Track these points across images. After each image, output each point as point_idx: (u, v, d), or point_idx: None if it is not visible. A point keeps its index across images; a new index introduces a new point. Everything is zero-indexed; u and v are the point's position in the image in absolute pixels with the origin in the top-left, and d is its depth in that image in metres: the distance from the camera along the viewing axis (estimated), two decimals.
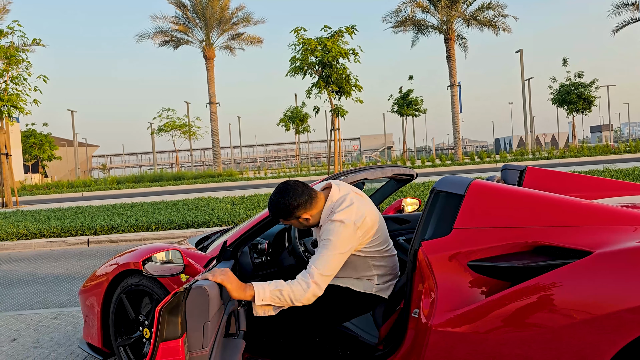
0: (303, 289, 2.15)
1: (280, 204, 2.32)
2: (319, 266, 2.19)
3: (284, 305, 2.17)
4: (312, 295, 2.17)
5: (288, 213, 2.33)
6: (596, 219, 2.05)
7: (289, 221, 2.39)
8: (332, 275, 2.22)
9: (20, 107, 15.85)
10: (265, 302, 2.13)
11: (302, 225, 2.41)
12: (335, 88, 17.82)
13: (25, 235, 9.52)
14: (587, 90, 31.38)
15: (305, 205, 2.33)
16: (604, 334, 1.69)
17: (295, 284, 2.16)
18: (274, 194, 2.35)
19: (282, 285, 2.16)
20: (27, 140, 39.16)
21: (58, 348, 3.76)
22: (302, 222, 2.38)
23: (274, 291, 2.13)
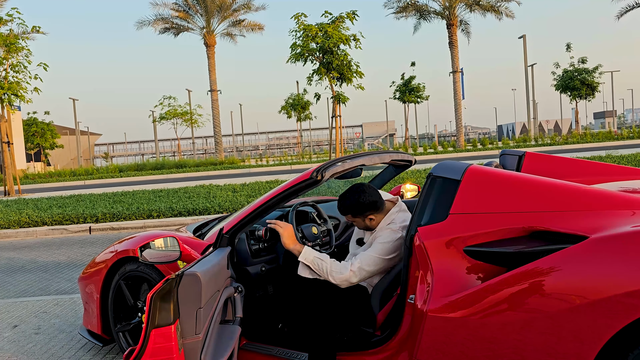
0: (340, 270, 2.41)
1: (356, 201, 2.54)
2: (363, 261, 2.43)
3: (320, 274, 2.45)
4: (345, 279, 2.41)
5: (361, 210, 2.55)
6: (593, 203, 2.03)
7: (356, 218, 2.59)
8: (370, 272, 2.44)
9: (20, 95, 15.81)
10: (307, 262, 2.46)
11: (363, 224, 2.61)
12: (336, 74, 17.72)
13: (28, 223, 9.55)
14: (591, 76, 31.11)
15: (376, 207, 2.55)
16: (600, 318, 1.69)
17: (337, 263, 2.45)
18: (350, 192, 2.58)
19: (327, 257, 2.47)
20: (28, 128, 39.11)
21: (59, 334, 3.78)
22: (367, 222, 2.58)
23: (317, 258, 2.45)
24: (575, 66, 31.48)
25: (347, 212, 2.61)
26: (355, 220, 2.63)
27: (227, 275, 2.37)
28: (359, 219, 2.61)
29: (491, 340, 1.92)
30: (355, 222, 2.65)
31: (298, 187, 2.60)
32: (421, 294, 2.11)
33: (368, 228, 2.65)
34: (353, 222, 2.66)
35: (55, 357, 3.34)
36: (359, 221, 2.62)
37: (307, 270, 2.53)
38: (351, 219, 2.63)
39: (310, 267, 2.49)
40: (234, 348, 2.16)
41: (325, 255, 2.52)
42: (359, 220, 2.62)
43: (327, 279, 2.45)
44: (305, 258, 2.49)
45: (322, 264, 2.45)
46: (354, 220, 2.63)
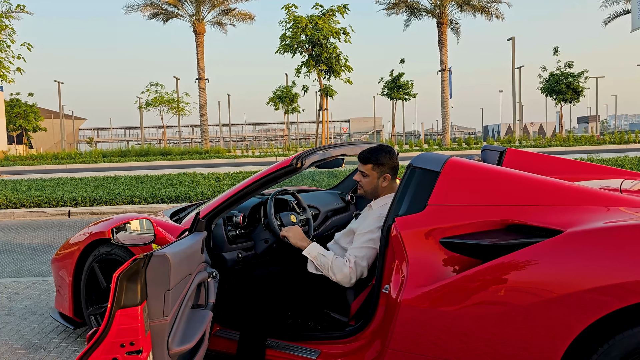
0: (341, 268, 2.42)
1: (387, 154, 2.58)
2: (356, 255, 2.44)
3: (322, 270, 2.48)
4: (346, 275, 2.41)
5: (384, 164, 2.57)
6: (569, 199, 2.04)
7: (373, 171, 2.58)
8: (367, 264, 2.44)
9: (3, 74, 15.49)
10: (310, 257, 2.52)
11: (371, 185, 2.59)
12: (325, 67, 17.68)
13: (5, 205, 9.38)
14: (576, 81, 31.47)
15: (394, 173, 2.61)
16: (572, 313, 1.69)
17: (339, 260, 2.46)
18: (383, 147, 2.63)
19: (330, 254, 2.50)
20: (11, 110, 38.41)
21: (30, 316, 3.71)
22: (379, 181, 2.58)
23: (321, 254, 2.50)
24: (562, 70, 31.80)
25: (372, 159, 2.57)
26: (370, 174, 2.58)
27: (200, 259, 2.33)
28: (374, 173, 2.58)
29: (464, 332, 1.91)
30: (367, 177, 2.59)
31: (277, 174, 2.57)
32: (396, 284, 2.10)
33: (369, 193, 2.62)
34: (365, 175, 2.60)
35: (25, 339, 3.28)
36: (373, 175, 2.58)
37: (313, 266, 2.55)
38: (370, 170, 2.58)
39: (314, 262, 2.52)
40: (205, 333, 2.13)
41: (330, 252, 2.53)
42: (373, 175, 2.58)
43: (329, 276, 2.46)
44: (309, 253, 2.52)
45: (324, 260, 2.47)
46: (370, 172, 2.58)
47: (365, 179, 2.62)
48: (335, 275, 2.43)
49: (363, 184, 2.63)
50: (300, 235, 2.64)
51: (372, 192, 2.63)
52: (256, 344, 2.42)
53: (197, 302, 2.29)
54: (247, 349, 2.42)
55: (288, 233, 2.66)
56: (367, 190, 2.64)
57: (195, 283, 2.15)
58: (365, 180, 2.62)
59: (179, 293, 1.91)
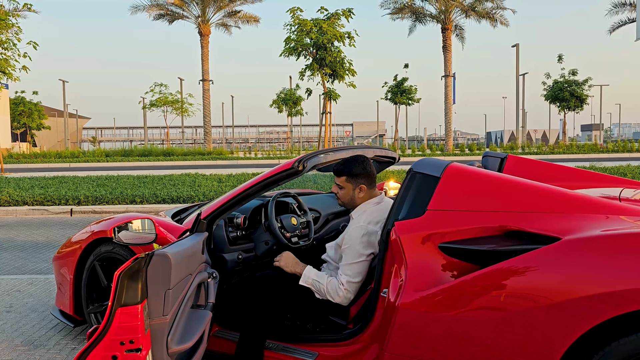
0: (336, 290, 2.44)
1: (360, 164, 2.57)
2: (347, 273, 2.45)
3: (320, 294, 2.50)
4: (343, 296, 2.44)
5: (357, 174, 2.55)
6: (568, 206, 2.05)
7: (348, 183, 2.58)
8: (359, 280, 2.45)
9: (8, 72, 15.54)
10: (307, 284, 2.53)
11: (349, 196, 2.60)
12: (329, 71, 17.72)
13: (8, 202, 9.42)
14: (580, 89, 31.43)
15: (370, 181, 2.59)
16: (569, 319, 1.70)
17: (332, 283, 2.47)
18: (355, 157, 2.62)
19: (323, 278, 2.50)
20: (15, 107, 38.51)
21: (31, 313, 3.73)
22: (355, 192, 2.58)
23: (315, 280, 2.51)
24: (566, 77, 31.78)
25: (345, 171, 2.57)
26: (345, 186, 2.59)
27: (201, 260, 2.35)
28: (349, 185, 2.58)
29: (462, 337, 1.92)
30: (343, 189, 2.60)
31: (279, 177, 2.59)
32: (394, 287, 2.11)
33: (347, 204, 2.63)
34: (341, 187, 2.61)
35: (26, 336, 3.30)
36: (349, 187, 2.58)
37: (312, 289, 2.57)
38: (344, 182, 2.59)
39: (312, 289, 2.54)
40: (204, 333, 2.15)
41: (323, 275, 2.53)
42: (349, 187, 2.58)
43: (327, 298, 2.48)
44: (305, 281, 2.54)
45: (319, 286, 2.49)
46: (344, 185, 2.58)
47: (341, 191, 2.63)
48: (334, 298, 2.46)
49: (340, 195, 2.65)
50: (293, 261, 2.62)
51: (349, 203, 2.64)
52: (255, 345, 2.44)
53: (197, 302, 2.30)
54: (246, 350, 2.43)
55: (281, 262, 2.63)
56: (345, 202, 2.65)
57: (196, 283, 2.16)
58: (341, 192, 2.63)
59: (179, 293, 1.92)
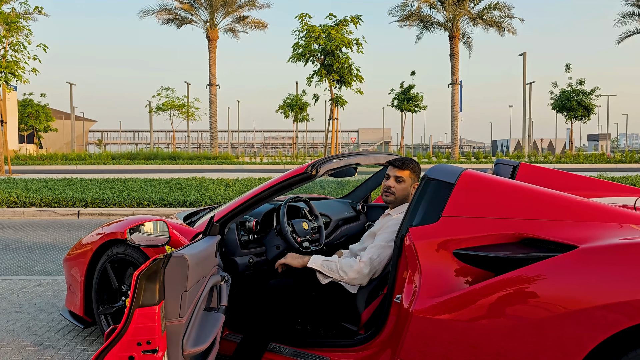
0: (350, 264, 2.45)
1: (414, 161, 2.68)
2: (371, 251, 2.47)
3: (332, 275, 2.50)
4: (357, 270, 2.43)
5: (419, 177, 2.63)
6: (583, 214, 2.04)
7: (408, 178, 2.64)
8: (380, 261, 2.47)
9: (18, 74, 15.69)
10: (316, 266, 2.53)
11: (401, 190, 2.64)
12: (337, 77, 17.74)
13: (15, 203, 9.47)
14: (588, 98, 31.34)
15: (416, 178, 2.66)
16: (584, 329, 1.69)
17: (346, 259, 2.51)
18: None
19: (334, 257, 2.55)
20: (23, 109, 38.82)
21: (40, 314, 3.74)
22: (411, 189, 2.65)
23: (325, 260, 2.53)
24: (573, 87, 31.72)
25: (411, 166, 2.65)
26: (407, 180, 2.64)
27: (214, 263, 2.35)
28: (410, 181, 2.65)
29: (474, 345, 1.92)
30: (403, 183, 2.64)
31: (292, 181, 2.60)
32: (408, 294, 2.11)
33: (400, 199, 2.65)
34: (401, 181, 2.64)
35: (35, 337, 3.30)
36: (409, 182, 2.64)
37: (322, 276, 2.56)
38: (407, 176, 2.64)
39: (322, 272, 2.53)
40: (217, 335, 2.15)
41: (334, 257, 2.56)
42: (409, 182, 2.64)
43: (340, 279, 2.48)
44: (314, 263, 2.54)
45: (331, 265, 2.50)
46: (406, 179, 2.63)
47: (399, 185, 2.65)
48: (347, 273, 2.45)
49: (396, 189, 2.65)
50: (297, 255, 2.65)
51: (402, 199, 2.66)
52: (256, 346, 2.41)
53: (210, 305, 2.30)
54: (245, 351, 2.41)
55: (287, 260, 2.65)
56: (399, 197, 2.66)
57: (209, 286, 2.17)
58: (399, 187, 2.65)
59: (194, 295, 1.93)
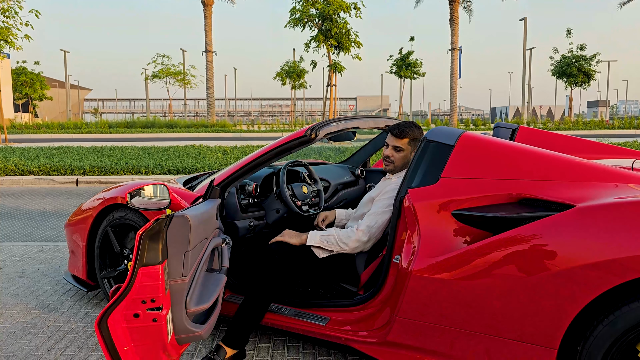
0: (348, 234, 2.47)
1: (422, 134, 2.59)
2: (369, 219, 2.48)
3: (332, 248, 2.51)
4: (357, 239, 2.45)
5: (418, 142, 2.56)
6: (581, 174, 2.06)
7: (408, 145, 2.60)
8: (378, 227, 2.47)
9: (10, 41, 15.42)
10: (316, 243, 2.52)
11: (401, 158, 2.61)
12: (335, 43, 17.52)
13: (14, 171, 9.47)
14: (588, 64, 31.08)
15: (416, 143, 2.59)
16: (579, 286, 1.72)
17: (343, 230, 2.52)
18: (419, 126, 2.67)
19: (331, 230, 2.54)
20: (17, 78, 38.33)
21: (43, 279, 3.79)
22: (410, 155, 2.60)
23: (323, 235, 2.52)
24: (574, 53, 31.40)
25: (410, 134, 2.59)
26: (405, 148, 2.59)
27: (215, 225, 2.38)
28: (410, 148, 2.60)
29: (471, 304, 1.95)
30: (402, 151, 2.60)
31: (291, 144, 2.60)
32: (407, 254, 2.14)
33: (400, 167, 2.62)
34: (400, 150, 2.60)
35: (39, 300, 3.36)
36: (408, 150, 2.60)
37: (320, 251, 2.56)
38: (405, 144, 2.60)
39: (321, 247, 2.53)
40: (219, 296, 2.19)
41: (330, 229, 2.57)
42: (408, 150, 2.60)
43: (341, 250, 2.49)
44: (313, 241, 2.54)
45: (329, 238, 2.50)
46: (405, 147, 2.59)
47: (398, 154, 2.62)
48: (347, 244, 2.46)
49: (396, 158, 2.62)
50: (294, 233, 2.61)
51: (402, 167, 2.63)
52: (257, 307, 2.45)
53: (211, 267, 2.34)
54: (246, 311, 2.45)
55: (284, 237, 2.60)
56: (398, 165, 2.63)
57: (210, 248, 2.19)
58: (398, 155, 2.62)
59: (196, 255, 1.96)
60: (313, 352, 2.60)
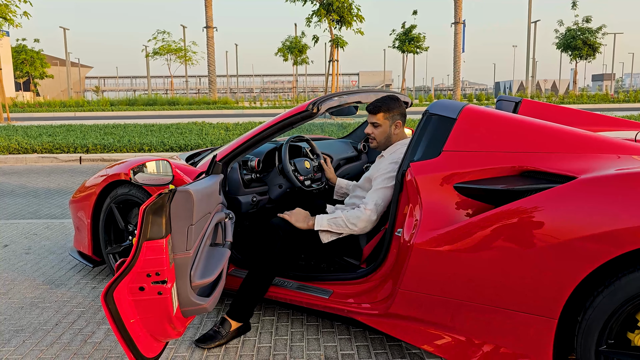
0: (356, 214, 2.42)
1: (396, 101, 2.61)
2: (374, 197, 2.44)
3: (341, 230, 2.46)
4: (365, 219, 2.41)
5: (395, 110, 2.59)
6: (583, 146, 2.05)
7: (386, 120, 2.59)
8: (384, 204, 2.45)
9: (9, 18, 15.31)
10: (324, 227, 2.47)
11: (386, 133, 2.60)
12: (336, 17, 17.30)
13: (17, 150, 9.48)
14: (593, 36, 30.68)
15: (404, 118, 2.64)
16: (580, 257, 1.73)
17: (350, 211, 2.46)
18: (389, 96, 2.67)
19: (338, 213, 2.49)
20: (17, 56, 38.10)
21: (49, 255, 3.84)
22: (392, 128, 2.60)
23: (331, 219, 2.46)
24: (579, 25, 30.94)
25: (383, 107, 2.57)
26: (382, 123, 2.58)
27: (218, 200, 2.39)
28: (386, 122, 2.59)
29: (471, 276, 1.97)
30: (379, 127, 2.59)
31: (293, 119, 2.59)
32: (409, 227, 2.15)
33: (383, 143, 2.62)
34: (378, 126, 2.59)
35: (46, 276, 3.40)
36: (386, 124, 2.59)
37: (327, 235, 2.50)
38: (381, 119, 2.59)
39: (330, 230, 2.48)
40: (223, 269, 2.22)
41: (337, 211, 2.54)
42: (386, 124, 2.59)
43: (351, 231, 2.44)
44: (321, 225, 2.48)
45: (337, 221, 2.45)
46: (381, 122, 2.58)
47: (377, 130, 2.60)
48: (356, 225, 2.42)
49: (376, 134, 2.61)
50: (304, 216, 2.54)
51: (385, 142, 2.62)
52: (261, 281, 2.47)
53: (215, 242, 2.36)
54: (250, 285, 2.48)
55: (291, 218, 2.54)
56: (381, 141, 2.62)
57: (214, 223, 2.21)
58: (377, 131, 2.60)
59: (200, 229, 1.97)
60: (316, 325, 2.64)
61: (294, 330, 2.58)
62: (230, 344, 2.44)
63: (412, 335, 2.18)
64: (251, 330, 2.57)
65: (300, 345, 2.43)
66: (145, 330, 1.76)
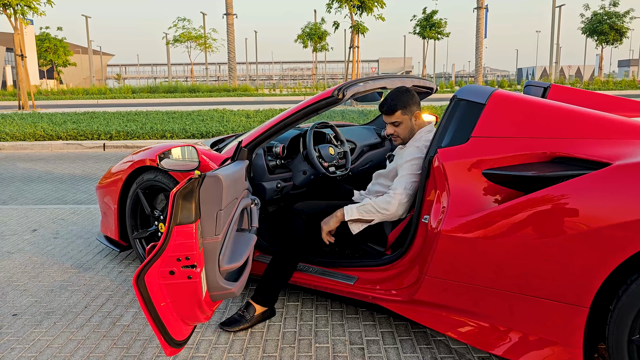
0: (385, 199, 2.41)
1: (409, 94, 2.56)
2: (402, 183, 2.41)
3: (372, 216, 2.44)
4: (396, 202, 2.38)
5: (411, 103, 2.55)
6: (617, 132, 2.00)
7: (405, 115, 2.55)
8: (414, 190, 2.41)
9: (33, 7, 15.50)
10: (354, 217, 2.46)
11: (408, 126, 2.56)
12: (357, 2, 17.13)
13: (43, 137, 9.65)
14: (621, 21, 29.86)
15: (420, 106, 2.60)
16: (614, 244, 1.69)
17: (379, 198, 2.45)
18: (400, 89, 2.59)
19: (366, 200, 2.46)
20: (41, 44, 38.69)
21: (77, 239, 3.91)
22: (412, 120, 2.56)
23: (360, 207, 2.45)
24: (606, 9, 30.13)
25: (399, 105, 2.53)
26: (402, 120, 2.54)
27: (244, 186, 2.40)
28: (406, 117, 2.54)
29: (499, 263, 1.94)
30: (400, 124, 2.55)
31: (318, 105, 2.58)
32: (436, 214, 2.13)
33: (407, 137, 2.58)
34: (399, 124, 2.56)
35: (74, 260, 3.47)
36: (406, 120, 2.55)
37: (359, 224, 2.49)
38: (400, 116, 2.54)
39: (359, 219, 2.47)
40: (250, 255, 2.23)
41: (365, 199, 2.51)
42: (406, 119, 2.55)
43: (383, 217, 2.42)
44: (351, 215, 2.46)
45: (367, 207, 2.43)
46: (401, 119, 2.54)
47: (399, 128, 2.57)
48: (388, 209, 2.39)
49: (399, 132, 2.58)
50: (327, 218, 2.53)
51: (409, 136, 2.59)
52: (285, 266, 2.49)
53: (241, 227, 2.37)
54: (275, 270, 2.49)
55: (323, 231, 2.53)
56: (405, 137, 2.59)
57: (240, 208, 2.22)
58: (399, 129, 2.57)
59: (228, 214, 1.98)
60: (341, 310, 2.65)
61: (319, 316, 2.60)
62: (255, 328, 2.47)
63: (437, 321, 2.18)
64: (276, 315, 2.59)
65: (325, 331, 2.45)
66: (175, 314, 1.79)
